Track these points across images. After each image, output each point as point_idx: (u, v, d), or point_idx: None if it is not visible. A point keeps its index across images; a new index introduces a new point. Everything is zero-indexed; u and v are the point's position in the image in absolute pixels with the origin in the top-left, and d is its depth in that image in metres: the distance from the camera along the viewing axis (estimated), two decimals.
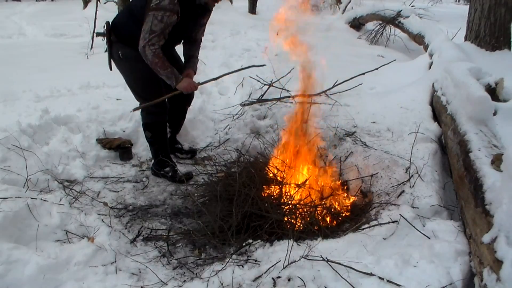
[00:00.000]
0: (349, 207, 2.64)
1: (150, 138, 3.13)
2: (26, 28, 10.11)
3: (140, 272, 2.10)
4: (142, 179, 3.12)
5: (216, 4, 3.01)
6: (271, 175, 2.74)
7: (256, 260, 2.06)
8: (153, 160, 3.21)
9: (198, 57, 3.26)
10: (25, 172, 2.66)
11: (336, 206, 2.60)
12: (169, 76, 2.85)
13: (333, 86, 4.03)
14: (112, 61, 3.05)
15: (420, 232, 2.13)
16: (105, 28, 2.96)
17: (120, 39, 2.93)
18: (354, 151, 3.05)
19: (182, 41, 3.19)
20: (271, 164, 2.84)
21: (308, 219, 2.44)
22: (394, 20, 8.05)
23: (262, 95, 4.25)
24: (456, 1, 20.54)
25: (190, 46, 3.21)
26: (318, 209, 2.52)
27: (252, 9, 12.47)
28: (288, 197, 2.57)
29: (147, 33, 2.72)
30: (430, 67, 4.94)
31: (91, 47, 7.22)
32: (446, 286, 1.79)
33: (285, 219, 2.44)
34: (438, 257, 1.94)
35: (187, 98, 3.30)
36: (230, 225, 2.33)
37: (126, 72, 3.03)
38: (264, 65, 3.59)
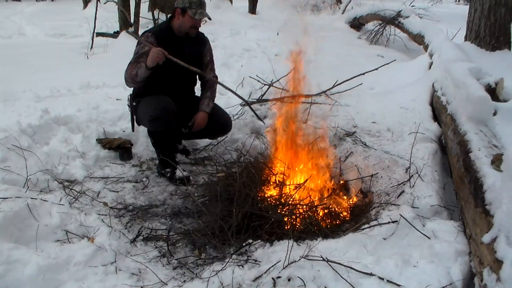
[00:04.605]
0: (349, 208, 2.64)
1: (153, 144, 3.18)
2: (26, 28, 10.12)
3: (140, 272, 2.10)
4: (142, 179, 3.12)
5: (195, 31, 3.11)
6: (272, 178, 2.73)
7: (256, 260, 2.06)
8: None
9: (213, 98, 3.32)
10: (25, 172, 2.66)
11: (336, 208, 2.59)
12: (138, 66, 2.92)
13: (333, 86, 4.03)
14: (135, 124, 3.30)
15: (420, 232, 2.13)
16: (128, 99, 3.25)
17: (139, 96, 3.14)
18: (354, 151, 3.05)
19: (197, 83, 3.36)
20: (270, 165, 2.83)
21: (308, 219, 2.44)
22: (394, 20, 8.05)
23: (262, 95, 4.26)
24: (456, 1, 20.54)
25: (202, 88, 3.32)
26: (318, 209, 2.52)
27: (252, 9, 12.47)
28: (288, 197, 2.57)
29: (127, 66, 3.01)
30: (430, 67, 4.94)
31: (91, 47, 7.23)
32: (446, 286, 1.79)
33: (285, 219, 2.44)
34: (438, 257, 1.94)
35: (224, 130, 3.37)
36: (230, 225, 2.32)
37: (141, 112, 3.11)
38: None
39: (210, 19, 3.12)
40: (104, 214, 2.53)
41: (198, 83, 3.42)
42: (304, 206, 2.51)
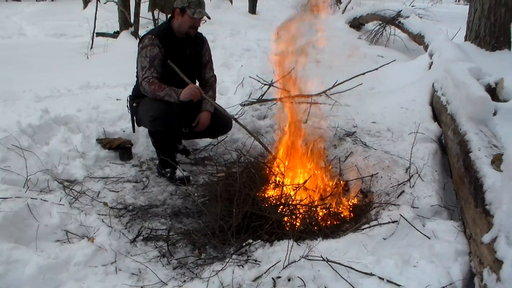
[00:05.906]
0: (349, 208, 2.64)
1: (154, 143, 3.19)
2: (26, 28, 10.12)
3: (140, 272, 2.10)
4: (142, 179, 3.12)
5: (195, 30, 3.12)
6: (273, 178, 2.73)
7: (256, 260, 2.06)
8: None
9: (214, 97, 3.32)
10: (25, 172, 2.66)
11: (335, 208, 2.59)
12: (168, 93, 2.94)
13: (333, 86, 4.03)
14: (136, 125, 3.30)
15: (420, 232, 2.13)
16: (128, 100, 3.27)
17: (139, 97, 3.14)
18: (354, 151, 3.05)
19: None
20: (270, 165, 2.83)
21: (308, 219, 2.43)
22: (394, 20, 8.04)
23: (262, 95, 4.26)
24: (456, 1, 20.53)
25: (203, 88, 3.28)
26: (318, 209, 2.51)
27: (252, 9, 12.48)
28: (288, 197, 2.57)
29: (140, 71, 3.00)
30: (430, 67, 4.94)
31: (91, 47, 7.23)
32: (446, 286, 1.79)
33: (285, 219, 2.44)
34: (438, 257, 1.94)
35: (224, 129, 3.36)
36: (230, 225, 2.32)
37: (141, 113, 3.11)
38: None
39: (209, 18, 3.13)
40: (104, 214, 2.53)
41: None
42: (304, 206, 2.51)
